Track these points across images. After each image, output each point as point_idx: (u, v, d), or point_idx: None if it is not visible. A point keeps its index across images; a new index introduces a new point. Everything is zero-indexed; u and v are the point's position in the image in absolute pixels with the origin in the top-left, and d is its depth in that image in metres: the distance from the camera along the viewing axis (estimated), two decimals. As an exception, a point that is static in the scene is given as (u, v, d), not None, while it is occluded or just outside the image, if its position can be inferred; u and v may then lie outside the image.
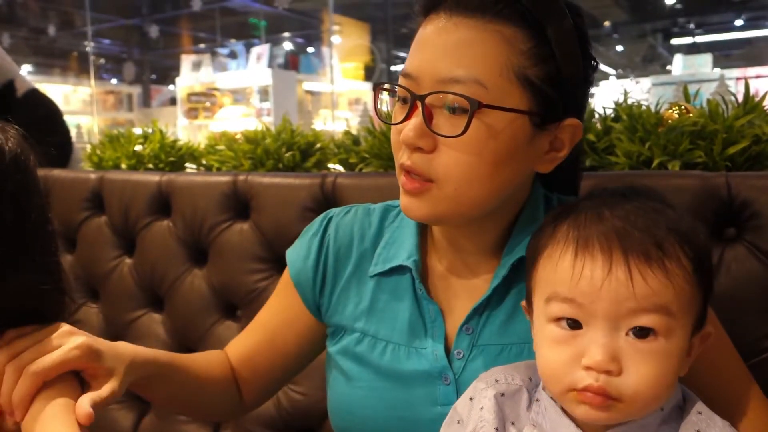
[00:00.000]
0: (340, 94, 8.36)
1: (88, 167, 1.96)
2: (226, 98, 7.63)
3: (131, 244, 1.58)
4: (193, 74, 7.78)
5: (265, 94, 7.20)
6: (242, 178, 1.40)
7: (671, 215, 0.65)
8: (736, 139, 1.08)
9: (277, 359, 0.94)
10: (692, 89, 1.26)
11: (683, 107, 1.17)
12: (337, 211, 0.93)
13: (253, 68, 7.39)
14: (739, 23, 11.24)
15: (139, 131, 1.95)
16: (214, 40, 10.94)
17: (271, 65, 7.32)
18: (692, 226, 0.65)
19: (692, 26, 11.57)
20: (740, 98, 1.15)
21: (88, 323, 1.61)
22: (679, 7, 11.06)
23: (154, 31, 9.87)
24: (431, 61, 0.71)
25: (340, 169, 1.53)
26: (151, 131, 1.90)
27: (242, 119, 7.05)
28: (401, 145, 0.74)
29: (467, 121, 0.69)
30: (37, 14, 10.93)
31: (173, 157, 1.81)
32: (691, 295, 0.63)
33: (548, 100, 0.71)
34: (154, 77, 13.06)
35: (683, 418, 0.64)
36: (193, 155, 1.84)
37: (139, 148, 1.84)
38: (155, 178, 1.54)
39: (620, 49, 12.91)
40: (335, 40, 8.73)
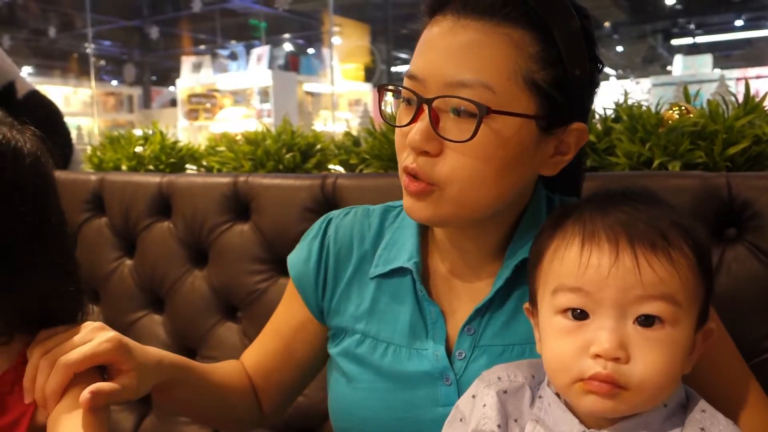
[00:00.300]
0: (340, 95, 8.36)
1: (88, 169, 1.96)
2: (226, 99, 7.63)
3: (132, 245, 1.58)
4: (193, 75, 7.79)
5: (265, 95, 7.20)
6: (242, 179, 1.40)
7: (672, 211, 0.66)
8: (736, 139, 1.08)
9: (289, 366, 0.94)
10: (692, 90, 1.27)
11: (683, 108, 1.17)
12: (336, 213, 0.93)
13: (253, 69, 7.39)
14: (739, 24, 11.24)
15: (139, 132, 1.95)
16: (214, 41, 10.94)
17: (271, 66, 7.32)
18: (693, 223, 0.67)
19: (692, 27, 11.57)
20: (740, 99, 1.15)
21: (88, 324, 1.61)
22: (679, 7, 11.07)
23: (154, 32, 9.87)
24: (438, 63, 0.71)
25: (340, 170, 1.53)
26: (151, 132, 1.90)
27: (242, 120, 7.05)
28: (406, 147, 0.73)
29: (476, 126, 0.68)
30: (37, 16, 10.94)
31: (174, 158, 1.81)
32: (695, 286, 0.63)
33: (555, 104, 0.71)
34: (154, 79, 13.07)
35: (687, 416, 0.65)
36: (193, 156, 1.84)
37: (139, 149, 1.84)
38: (156, 179, 1.54)
39: (620, 49, 12.91)
40: (335, 41, 8.73)
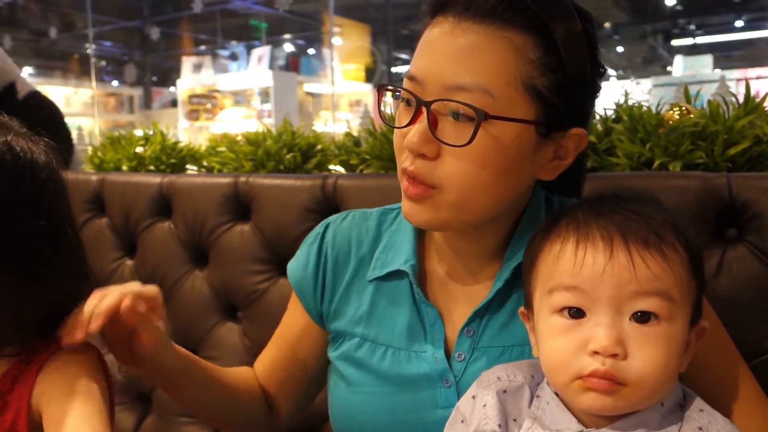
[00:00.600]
0: (340, 95, 8.36)
1: (89, 169, 1.96)
2: (227, 100, 7.64)
3: (132, 245, 1.58)
4: (194, 76, 7.79)
5: (265, 95, 7.21)
6: (243, 179, 1.40)
7: (664, 210, 0.67)
8: (737, 139, 1.08)
9: (296, 372, 0.95)
10: (693, 90, 1.26)
11: (684, 108, 1.17)
12: (334, 218, 0.93)
13: (253, 70, 7.39)
14: (739, 24, 11.24)
15: (140, 133, 1.95)
16: (215, 41, 10.94)
17: (271, 67, 7.33)
18: (684, 221, 0.67)
19: (693, 27, 11.57)
20: (741, 99, 1.15)
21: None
22: (679, 8, 11.07)
23: (155, 33, 9.86)
24: (438, 65, 0.70)
25: (340, 170, 1.53)
26: (152, 133, 1.90)
27: (243, 121, 7.05)
28: (404, 149, 0.73)
29: (473, 131, 0.68)
30: (38, 16, 10.95)
31: (174, 158, 1.81)
32: (688, 283, 0.64)
33: (555, 109, 0.71)
34: (155, 79, 13.07)
35: (685, 415, 0.65)
36: (194, 157, 1.84)
37: (140, 149, 1.84)
38: (156, 179, 1.54)
39: (621, 50, 12.90)
40: (336, 41, 8.73)
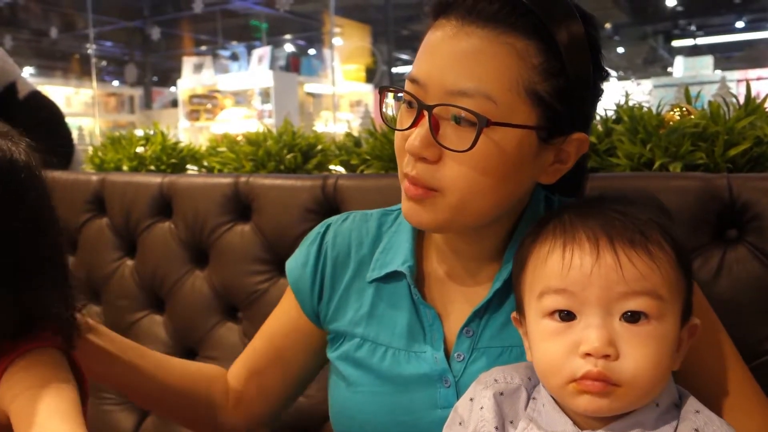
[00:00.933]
0: (341, 96, 8.36)
1: (89, 169, 1.96)
2: (227, 100, 7.64)
3: (132, 245, 1.58)
4: (194, 76, 7.79)
5: (266, 96, 7.20)
6: (243, 179, 1.40)
7: (648, 209, 0.67)
8: (737, 140, 1.08)
9: (278, 367, 0.94)
10: (693, 91, 1.26)
11: (684, 109, 1.17)
12: (335, 218, 0.93)
13: (254, 70, 7.39)
14: (740, 25, 11.24)
15: (140, 133, 1.95)
16: (215, 42, 10.94)
17: (272, 67, 7.32)
18: (668, 221, 0.68)
19: (693, 28, 11.57)
20: (741, 100, 1.15)
21: (89, 325, 1.61)
22: (680, 9, 11.06)
23: (155, 33, 9.86)
24: (440, 69, 0.70)
25: (341, 170, 1.53)
26: (152, 133, 1.90)
27: (243, 121, 7.05)
28: (406, 151, 0.73)
29: (475, 137, 0.68)
30: (38, 16, 10.95)
31: (175, 158, 1.81)
32: (676, 281, 0.64)
33: (556, 114, 0.71)
34: (155, 79, 13.07)
35: (681, 416, 0.65)
36: (194, 157, 1.84)
37: (140, 149, 1.84)
38: (157, 179, 1.54)
39: (621, 50, 12.90)
40: (336, 42, 8.73)
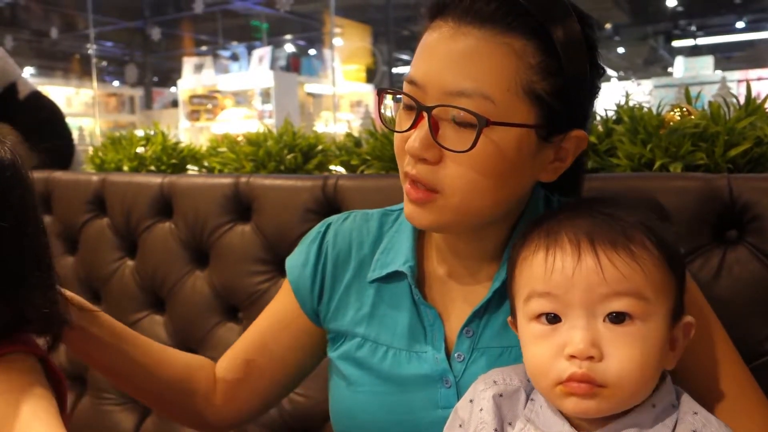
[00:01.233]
0: (341, 96, 8.37)
1: (90, 169, 1.96)
2: (227, 100, 7.64)
3: (133, 246, 1.58)
4: (194, 76, 7.80)
5: (266, 96, 7.21)
6: (244, 180, 1.40)
7: (637, 212, 0.67)
8: (737, 141, 1.07)
9: (268, 362, 0.92)
10: (694, 91, 1.26)
11: (685, 109, 1.17)
12: (335, 218, 0.93)
13: (254, 70, 7.40)
14: (740, 25, 11.24)
15: (141, 133, 1.95)
16: (216, 42, 10.95)
17: (272, 67, 7.33)
18: (658, 222, 0.68)
19: (694, 28, 11.58)
20: (742, 100, 1.15)
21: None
22: (680, 9, 11.07)
23: (156, 33, 9.86)
24: (438, 70, 0.70)
25: (341, 171, 1.53)
26: (153, 133, 1.90)
27: (244, 121, 7.05)
28: (406, 153, 0.73)
29: (475, 137, 0.68)
30: (39, 17, 10.96)
31: (175, 159, 1.81)
32: (662, 281, 0.64)
33: (555, 113, 0.71)
34: (156, 79, 13.08)
35: (678, 418, 0.64)
36: (194, 157, 1.84)
37: (141, 150, 1.84)
38: (157, 180, 1.54)
39: (621, 51, 12.90)
40: (337, 42, 8.73)
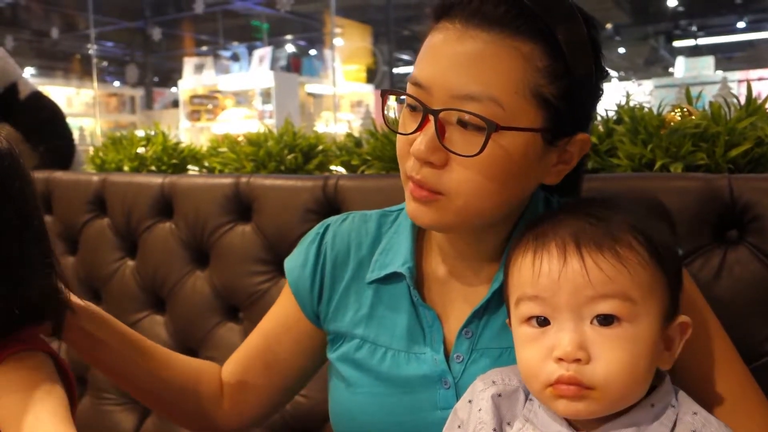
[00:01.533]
0: (342, 96, 8.36)
1: (90, 169, 1.96)
2: (228, 100, 7.64)
3: (133, 246, 1.58)
4: (195, 77, 7.80)
5: (267, 96, 7.21)
6: (244, 180, 1.40)
7: (629, 214, 0.67)
8: (738, 141, 1.07)
9: (273, 365, 0.93)
10: (694, 91, 1.26)
11: (685, 109, 1.17)
12: (334, 219, 0.93)
13: (255, 71, 7.40)
14: (741, 26, 11.23)
15: (141, 133, 1.95)
16: (216, 42, 10.95)
17: (273, 68, 7.33)
18: (651, 222, 0.67)
19: (694, 29, 11.57)
20: (743, 100, 1.15)
21: (90, 325, 1.61)
22: (681, 9, 11.07)
23: (156, 33, 9.86)
24: (444, 72, 0.69)
25: (342, 171, 1.53)
26: (153, 133, 1.90)
27: (244, 121, 7.05)
28: (409, 155, 0.72)
29: (483, 142, 0.67)
30: (40, 17, 10.96)
31: (175, 159, 1.81)
32: (650, 280, 0.63)
33: (561, 116, 0.71)
34: (156, 80, 13.07)
35: (678, 418, 0.64)
36: (195, 157, 1.84)
37: (141, 150, 1.84)
38: (158, 180, 1.54)
39: (622, 51, 12.90)
40: (337, 42, 8.73)
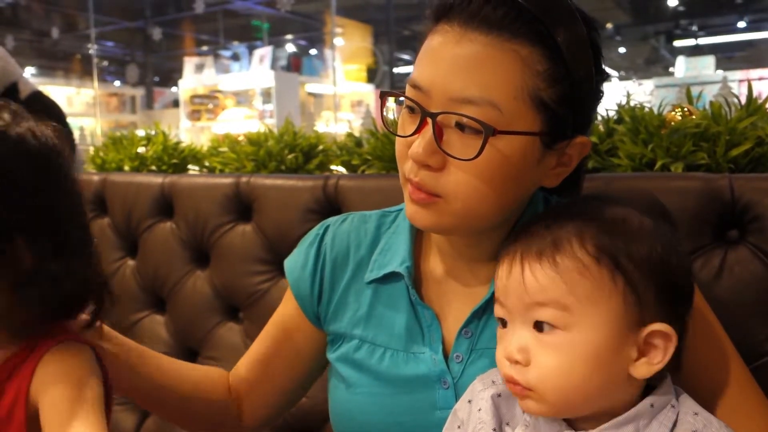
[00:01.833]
0: (342, 96, 8.36)
1: (91, 169, 1.96)
2: (228, 100, 7.64)
3: (134, 245, 1.58)
4: (195, 76, 7.80)
5: (267, 96, 7.21)
6: (245, 179, 1.40)
7: (591, 221, 0.64)
8: (739, 141, 1.07)
9: (281, 368, 0.94)
10: (695, 91, 1.26)
11: (686, 109, 1.17)
12: (333, 220, 0.93)
13: (255, 70, 7.40)
14: (741, 25, 11.22)
15: (142, 133, 1.95)
16: (216, 42, 10.95)
17: (273, 67, 7.33)
18: (626, 227, 0.64)
19: (695, 28, 11.56)
20: (743, 100, 1.15)
21: (90, 325, 1.61)
22: (681, 9, 11.06)
23: (157, 33, 9.86)
24: (443, 75, 0.69)
25: (342, 170, 1.53)
26: (154, 133, 1.90)
27: (245, 121, 7.06)
28: (408, 157, 0.72)
29: (481, 146, 0.67)
30: (40, 17, 10.96)
31: (176, 158, 1.81)
32: (592, 289, 0.62)
33: (560, 120, 0.70)
34: (157, 79, 13.07)
35: (678, 418, 0.64)
36: (195, 157, 1.84)
37: (142, 150, 1.84)
38: (158, 179, 1.54)
39: (623, 51, 12.90)
40: (338, 42, 8.73)
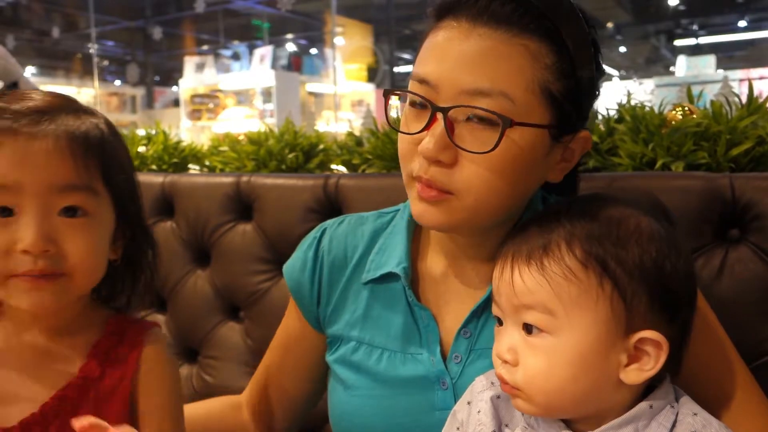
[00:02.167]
0: (342, 95, 8.36)
1: (91, 168, 1.96)
2: (229, 100, 7.64)
3: (134, 245, 1.58)
4: (196, 76, 7.80)
5: (268, 95, 7.22)
6: (245, 179, 1.40)
7: (584, 225, 0.64)
8: (739, 140, 1.07)
9: (294, 378, 0.95)
10: (696, 90, 1.26)
11: (687, 108, 1.17)
12: (331, 222, 0.93)
13: (256, 70, 7.40)
14: (742, 24, 11.22)
15: (142, 132, 1.95)
16: (217, 41, 10.95)
17: (274, 67, 7.33)
18: (618, 231, 0.64)
19: (695, 27, 11.56)
20: (744, 99, 1.15)
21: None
22: (682, 8, 11.05)
23: (157, 33, 9.86)
24: (453, 70, 0.69)
25: (343, 170, 1.53)
26: (154, 132, 1.90)
27: (245, 120, 7.06)
28: (414, 154, 0.72)
29: (498, 138, 0.67)
30: (41, 16, 10.97)
31: (176, 158, 1.81)
32: (578, 294, 0.62)
33: (566, 113, 0.71)
34: (157, 79, 13.08)
35: (678, 419, 0.64)
36: (196, 156, 1.84)
37: (142, 149, 1.85)
38: (158, 179, 1.54)
39: (623, 50, 12.90)
40: (338, 41, 8.73)
